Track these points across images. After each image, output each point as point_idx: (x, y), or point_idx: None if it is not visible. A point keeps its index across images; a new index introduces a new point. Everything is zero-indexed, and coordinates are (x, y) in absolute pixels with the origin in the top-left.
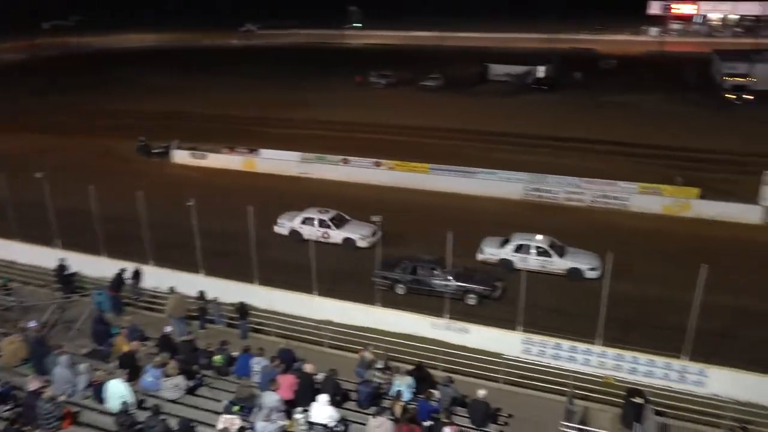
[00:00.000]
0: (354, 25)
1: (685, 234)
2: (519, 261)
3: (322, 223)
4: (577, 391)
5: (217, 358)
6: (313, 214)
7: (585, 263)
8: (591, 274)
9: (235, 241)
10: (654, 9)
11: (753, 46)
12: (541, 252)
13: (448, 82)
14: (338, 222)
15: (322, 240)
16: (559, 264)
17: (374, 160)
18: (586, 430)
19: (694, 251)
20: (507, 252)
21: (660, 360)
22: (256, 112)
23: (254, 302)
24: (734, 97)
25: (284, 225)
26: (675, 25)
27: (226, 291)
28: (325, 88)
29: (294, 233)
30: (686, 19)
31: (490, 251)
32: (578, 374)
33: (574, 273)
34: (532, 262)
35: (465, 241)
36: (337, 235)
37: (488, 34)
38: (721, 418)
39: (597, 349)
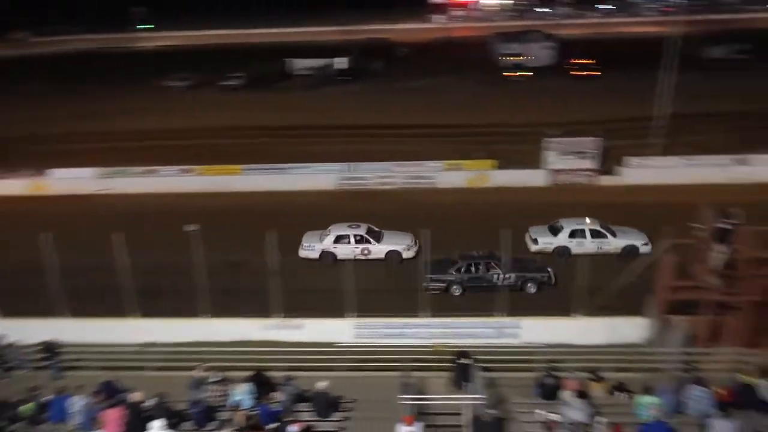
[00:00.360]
0: (142, 26)
1: (488, 202)
2: (576, 246)
3: (358, 239)
4: (411, 364)
5: (26, 407)
6: (343, 230)
7: (638, 240)
8: (645, 249)
9: (31, 275)
10: None
11: (524, 27)
12: (596, 234)
13: (250, 81)
14: (375, 235)
15: (362, 258)
16: (615, 243)
17: (182, 167)
18: (422, 397)
19: (498, 217)
20: (562, 239)
21: (479, 321)
22: (40, 129)
23: (65, 337)
24: (514, 74)
25: (313, 248)
26: (456, 12)
27: (29, 331)
28: (119, 96)
29: (326, 255)
30: (465, 5)
31: (544, 240)
32: (410, 348)
33: (631, 250)
34: (588, 245)
35: (288, 236)
36: (379, 250)
37: (286, 29)
38: (535, 362)
39: (423, 321)
